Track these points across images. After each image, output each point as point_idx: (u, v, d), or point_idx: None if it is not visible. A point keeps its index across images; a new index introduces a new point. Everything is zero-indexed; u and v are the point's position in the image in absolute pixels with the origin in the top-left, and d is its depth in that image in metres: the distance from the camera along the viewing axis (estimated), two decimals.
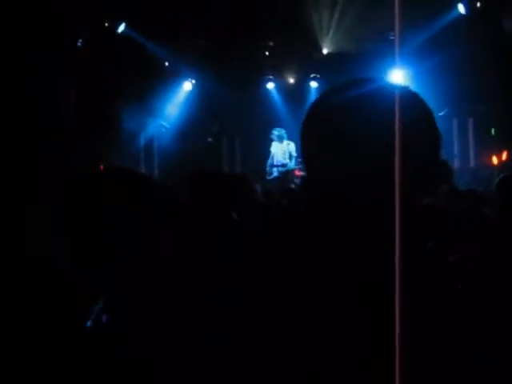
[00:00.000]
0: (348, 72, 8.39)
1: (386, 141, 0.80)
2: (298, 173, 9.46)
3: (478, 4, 9.24)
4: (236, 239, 2.58)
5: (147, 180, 1.55)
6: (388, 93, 0.84)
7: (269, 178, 9.89)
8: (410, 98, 0.86)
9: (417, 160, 0.81)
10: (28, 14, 7.28)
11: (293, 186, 8.63)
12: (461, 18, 9.48)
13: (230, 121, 11.48)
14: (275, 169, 9.89)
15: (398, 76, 8.34)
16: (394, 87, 0.86)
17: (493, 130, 9.99)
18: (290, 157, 9.78)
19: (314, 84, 10.69)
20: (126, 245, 1.38)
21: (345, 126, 0.82)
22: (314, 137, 0.87)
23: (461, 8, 9.45)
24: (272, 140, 9.94)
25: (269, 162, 10.01)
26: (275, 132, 9.89)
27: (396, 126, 0.81)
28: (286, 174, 9.69)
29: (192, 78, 11.34)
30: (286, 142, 9.81)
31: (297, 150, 9.67)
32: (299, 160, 9.26)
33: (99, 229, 1.35)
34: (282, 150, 9.85)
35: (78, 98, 8.97)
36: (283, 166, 9.82)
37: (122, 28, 9.52)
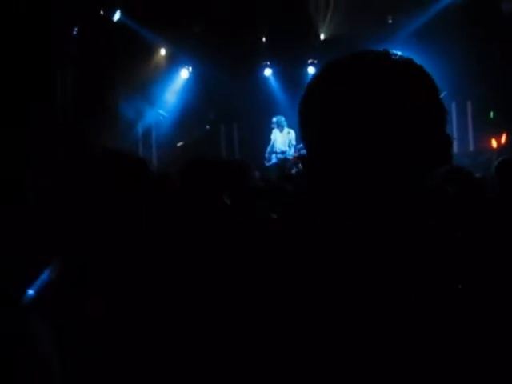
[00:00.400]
0: None
1: (389, 116, 0.78)
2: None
3: None
4: (226, 224, 2.58)
5: (142, 163, 1.53)
6: (391, 65, 0.82)
7: (267, 164, 9.88)
8: (413, 71, 0.83)
9: (421, 135, 0.79)
10: (23, 3, 7.22)
11: (292, 172, 8.61)
12: (458, 1, 9.41)
13: (228, 108, 11.43)
14: (274, 155, 9.88)
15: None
16: (396, 60, 0.83)
17: (492, 113, 9.95)
18: (290, 145, 9.75)
19: (311, 70, 10.62)
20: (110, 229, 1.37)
21: (347, 102, 0.79)
22: (315, 114, 0.84)
23: None
24: (272, 128, 9.92)
25: (268, 149, 9.98)
26: (275, 120, 9.86)
27: (399, 100, 0.80)
28: (285, 161, 9.68)
29: (189, 65, 11.28)
30: (286, 130, 9.79)
31: (296, 139, 9.66)
32: (298, 148, 9.25)
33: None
34: (283, 138, 9.83)
35: (74, 86, 8.92)
36: (282, 153, 9.81)
37: (117, 16, 9.44)
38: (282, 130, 9.82)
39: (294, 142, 9.69)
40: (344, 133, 0.79)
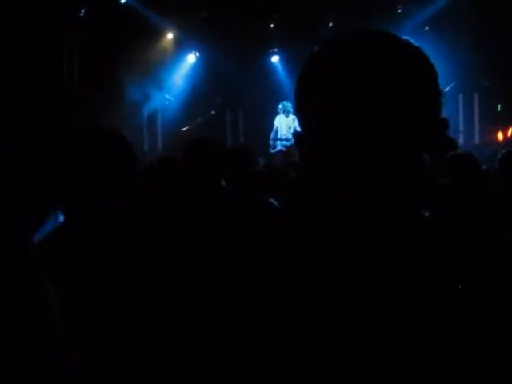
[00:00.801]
0: None
1: (385, 94, 0.77)
2: None
3: None
4: (223, 207, 2.59)
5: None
6: (388, 45, 0.81)
7: (272, 151, 9.79)
8: (412, 53, 0.82)
9: (417, 117, 0.78)
10: None
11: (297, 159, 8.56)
12: None
13: (234, 94, 11.39)
14: (279, 142, 9.78)
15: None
16: (395, 40, 0.82)
17: (499, 106, 9.89)
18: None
19: None
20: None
21: (343, 79, 0.78)
22: (310, 89, 0.82)
23: None
24: (277, 113, 9.82)
25: (272, 135, 9.89)
26: (280, 106, 9.78)
27: (396, 80, 0.78)
28: (290, 148, 9.63)
29: (196, 50, 11.23)
30: (291, 116, 9.69)
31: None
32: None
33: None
34: (287, 125, 9.72)
35: (80, 68, 8.92)
36: (287, 140, 9.72)
37: None
38: (287, 116, 9.72)
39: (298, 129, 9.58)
40: (339, 111, 0.78)
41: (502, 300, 0.78)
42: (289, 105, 9.66)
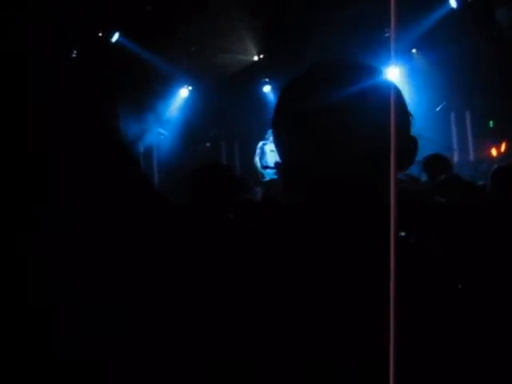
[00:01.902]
0: None
1: (351, 120, 0.79)
2: None
3: None
4: (233, 240, 2.58)
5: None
6: (351, 72, 0.84)
7: (264, 180, 9.73)
8: (375, 77, 0.85)
9: (386, 139, 0.80)
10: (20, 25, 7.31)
11: None
12: (453, 12, 9.48)
13: (229, 125, 11.49)
14: (269, 171, 9.76)
15: (393, 73, 8.36)
16: (359, 67, 0.86)
17: (491, 122, 9.97)
18: None
19: None
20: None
21: (315, 113, 0.80)
22: (282, 123, 0.85)
23: (452, 2, 9.46)
24: (265, 143, 9.82)
25: (259, 162, 9.81)
26: (268, 133, 9.73)
27: (361, 104, 0.80)
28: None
29: (188, 84, 11.36)
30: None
31: None
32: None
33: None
34: (274, 153, 9.70)
35: (74, 108, 9.00)
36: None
37: (115, 37, 9.55)
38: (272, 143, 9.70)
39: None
40: (309, 141, 0.80)
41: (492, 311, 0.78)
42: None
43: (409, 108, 0.89)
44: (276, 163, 0.91)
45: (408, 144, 0.85)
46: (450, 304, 0.79)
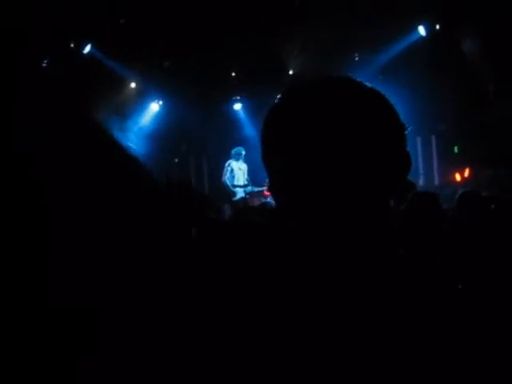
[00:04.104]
0: None
1: (349, 138, 0.78)
2: (267, 193, 9.37)
3: (438, 26, 9.49)
4: (195, 256, 2.57)
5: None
6: (349, 89, 0.83)
7: (235, 198, 9.70)
8: (370, 94, 0.84)
9: (383, 155, 0.80)
10: None
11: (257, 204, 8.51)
12: (421, 40, 9.73)
13: (198, 141, 11.47)
14: (239, 189, 9.76)
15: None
16: (354, 84, 0.85)
17: (456, 148, 10.20)
18: (248, 179, 9.69)
19: None
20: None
21: (306, 126, 0.80)
22: (275, 139, 0.83)
23: (421, 30, 9.72)
24: (237, 159, 9.79)
25: (229, 180, 9.78)
26: (233, 151, 9.77)
27: (358, 123, 0.79)
28: (253, 195, 9.61)
29: (159, 99, 11.32)
30: (241, 160, 9.71)
31: (248, 173, 9.67)
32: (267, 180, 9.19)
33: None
34: (242, 171, 9.77)
35: (42, 116, 8.86)
36: (245, 186, 9.72)
37: (87, 49, 9.48)
38: (237, 160, 9.72)
39: (246, 176, 9.70)
40: (304, 158, 0.79)
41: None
42: (241, 150, 9.68)
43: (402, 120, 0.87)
44: (267, 183, 0.90)
45: (401, 161, 0.84)
46: (444, 322, 0.79)
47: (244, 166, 9.74)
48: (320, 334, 0.78)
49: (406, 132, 0.90)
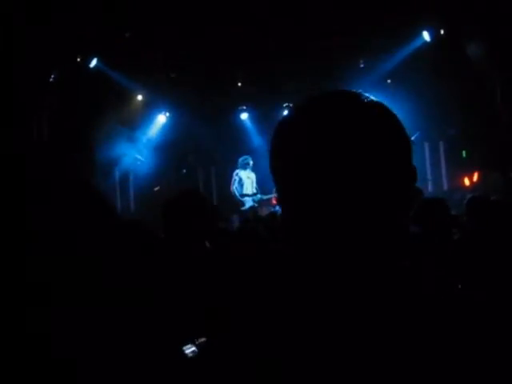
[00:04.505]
0: None
1: (358, 155, 0.79)
2: (275, 201, 9.39)
3: (442, 31, 9.49)
4: (210, 268, 2.57)
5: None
6: (357, 105, 0.83)
7: (243, 208, 9.73)
8: (379, 110, 0.85)
9: (390, 171, 0.80)
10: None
11: (263, 214, 8.51)
12: (427, 45, 9.73)
13: (205, 152, 11.52)
14: (247, 198, 9.79)
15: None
16: (362, 99, 0.85)
17: (464, 153, 10.17)
18: (257, 187, 9.72)
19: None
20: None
21: (316, 142, 0.80)
22: (285, 153, 0.83)
23: (426, 35, 9.72)
24: (245, 168, 9.82)
25: (238, 190, 9.83)
26: (240, 160, 9.81)
27: (367, 139, 0.79)
28: (262, 203, 9.64)
29: (166, 110, 11.39)
30: (248, 169, 9.74)
31: (257, 182, 9.69)
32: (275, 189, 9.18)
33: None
34: (250, 179, 9.81)
35: (50, 132, 8.94)
36: (254, 194, 9.74)
37: (94, 63, 9.56)
38: (245, 169, 9.74)
39: (255, 184, 9.73)
40: (314, 173, 0.79)
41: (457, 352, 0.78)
42: (249, 159, 9.71)
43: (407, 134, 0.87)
44: (275, 196, 0.91)
45: (408, 175, 0.84)
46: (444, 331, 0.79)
47: (252, 175, 9.77)
48: (323, 344, 0.78)
49: (414, 138, 0.89)
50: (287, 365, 0.78)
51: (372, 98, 0.86)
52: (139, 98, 11.07)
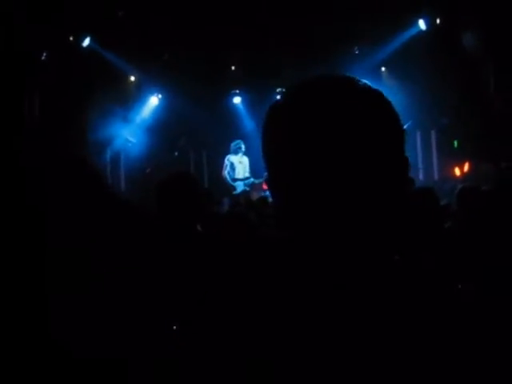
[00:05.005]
0: None
1: (350, 140, 0.78)
2: (265, 186, 9.35)
3: (438, 20, 9.47)
4: (201, 251, 2.57)
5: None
6: (351, 90, 0.82)
7: (235, 192, 9.71)
8: (373, 96, 0.84)
9: (382, 159, 0.79)
10: None
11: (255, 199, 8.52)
12: (422, 34, 9.71)
13: (198, 134, 11.47)
14: (239, 182, 9.79)
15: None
16: (357, 85, 0.84)
17: (455, 142, 10.19)
18: (249, 171, 9.73)
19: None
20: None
21: (309, 126, 0.79)
22: (277, 136, 0.82)
23: (421, 24, 9.69)
24: (237, 153, 9.82)
25: (230, 174, 9.82)
26: (232, 144, 9.81)
27: (360, 125, 0.78)
28: (253, 188, 9.64)
29: (158, 92, 11.31)
30: (240, 154, 9.73)
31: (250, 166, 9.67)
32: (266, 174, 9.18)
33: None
34: (242, 164, 9.80)
35: (42, 111, 8.86)
36: (247, 179, 9.74)
37: (86, 42, 9.45)
38: (237, 154, 9.75)
39: (248, 169, 9.71)
40: (305, 156, 0.78)
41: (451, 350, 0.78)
42: (241, 143, 9.69)
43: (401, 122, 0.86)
44: (265, 178, 0.89)
45: (399, 164, 0.83)
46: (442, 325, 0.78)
47: (245, 159, 9.75)
48: (317, 338, 0.78)
49: (406, 126, 0.89)
50: (277, 357, 0.78)
51: (367, 83, 0.85)
52: (132, 78, 10.98)
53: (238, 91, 11.62)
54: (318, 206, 0.79)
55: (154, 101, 11.37)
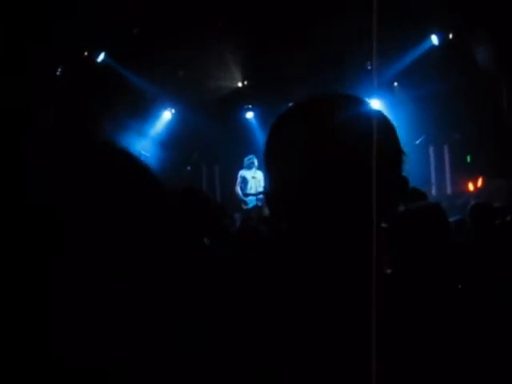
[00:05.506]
0: None
1: (349, 158, 0.79)
2: None
3: (451, 35, 9.47)
4: (207, 265, 2.57)
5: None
6: (350, 109, 0.84)
7: (247, 207, 9.70)
8: (372, 115, 0.84)
9: (380, 178, 0.80)
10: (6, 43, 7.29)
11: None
12: (434, 49, 9.70)
13: (210, 150, 11.51)
14: (251, 198, 9.76)
15: (374, 105, 8.47)
16: (356, 103, 0.86)
17: (468, 157, 10.14)
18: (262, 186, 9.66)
19: None
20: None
21: (306, 143, 0.81)
22: (277, 153, 0.85)
23: (434, 39, 9.69)
24: (250, 167, 9.81)
25: (241, 190, 9.80)
26: (246, 159, 9.79)
27: (358, 143, 0.80)
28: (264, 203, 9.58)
29: (172, 107, 11.39)
30: (254, 169, 9.70)
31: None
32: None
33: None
34: (256, 179, 9.77)
35: (56, 126, 8.95)
36: (259, 193, 9.69)
37: (101, 57, 9.57)
38: (250, 169, 9.72)
39: (262, 183, 9.66)
40: (303, 172, 0.80)
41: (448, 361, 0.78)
42: (253, 158, 9.68)
43: (401, 145, 0.88)
44: (263, 190, 0.92)
45: (396, 184, 0.84)
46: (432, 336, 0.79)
47: (259, 174, 9.67)
48: (313, 338, 0.79)
49: (418, 141, 0.91)
50: (282, 360, 0.79)
51: (372, 105, 0.87)
52: (146, 93, 11.07)
53: (250, 106, 11.66)
54: (321, 218, 0.81)
55: (167, 115, 11.45)
